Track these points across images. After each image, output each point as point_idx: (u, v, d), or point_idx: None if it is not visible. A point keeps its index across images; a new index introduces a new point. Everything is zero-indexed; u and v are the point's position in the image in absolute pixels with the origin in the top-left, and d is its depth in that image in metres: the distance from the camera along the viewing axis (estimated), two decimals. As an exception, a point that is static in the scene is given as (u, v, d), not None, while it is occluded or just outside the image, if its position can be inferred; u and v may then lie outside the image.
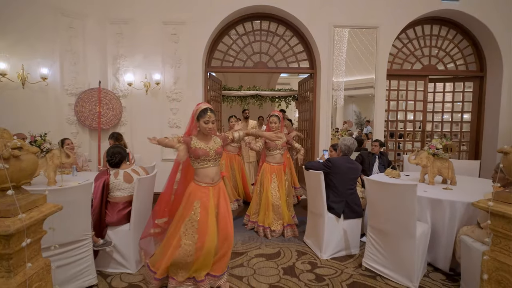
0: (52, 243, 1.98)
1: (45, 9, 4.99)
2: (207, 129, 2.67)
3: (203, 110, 2.66)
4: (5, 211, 1.42)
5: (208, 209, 2.67)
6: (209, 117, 2.65)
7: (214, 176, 2.74)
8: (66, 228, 2.57)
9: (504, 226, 1.68)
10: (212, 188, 2.74)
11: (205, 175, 2.71)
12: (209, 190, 2.72)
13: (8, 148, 1.44)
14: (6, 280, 1.44)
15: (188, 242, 2.62)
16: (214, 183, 2.75)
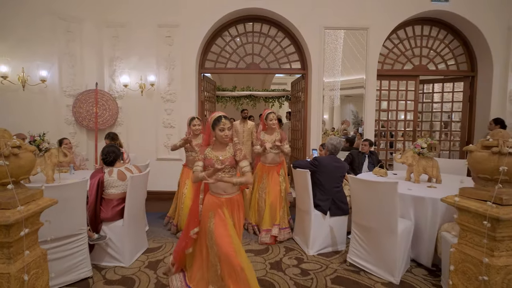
0: (49, 238, 2.11)
1: (44, 14, 5.13)
2: (224, 137, 2.52)
3: (217, 118, 2.53)
4: (5, 204, 1.55)
5: (224, 219, 2.53)
6: (223, 124, 2.51)
7: (225, 188, 2.56)
8: (63, 222, 2.70)
9: (469, 220, 1.80)
10: (225, 200, 2.58)
11: (217, 186, 2.56)
12: (222, 202, 2.57)
13: (8, 146, 1.57)
14: (7, 266, 1.57)
15: (212, 253, 2.50)
16: (227, 194, 2.58)
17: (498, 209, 1.61)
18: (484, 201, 1.69)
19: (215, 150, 2.59)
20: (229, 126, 2.55)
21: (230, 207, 2.59)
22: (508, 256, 1.66)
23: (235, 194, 2.63)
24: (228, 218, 2.54)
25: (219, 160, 2.52)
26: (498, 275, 1.63)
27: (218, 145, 2.61)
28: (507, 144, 1.62)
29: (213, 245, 2.46)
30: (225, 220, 2.51)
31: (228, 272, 2.40)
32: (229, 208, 2.59)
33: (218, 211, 2.54)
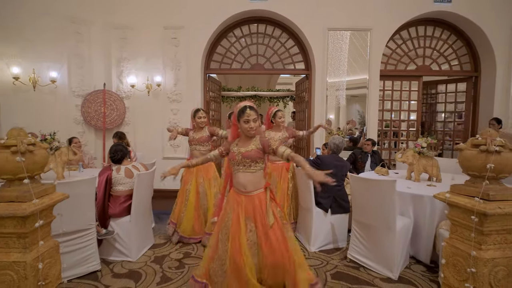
0: (61, 230, 2.23)
1: (54, 17, 5.30)
2: (248, 129, 2.32)
3: (241, 109, 2.33)
4: (22, 197, 1.67)
5: (239, 221, 2.32)
6: (248, 115, 2.30)
7: (246, 184, 2.36)
8: (73, 217, 2.83)
9: (459, 215, 1.88)
10: (245, 198, 2.37)
11: (236, 181, 2.42)
12: (241, 199, 2.38)
13: (24, 144, 1.69)
14: (23, 255, 1.69)
15: (223, 248, 2.34)
16: (247, 192, 2.37)
17: (485, 204, 1.69)
18: (472, 197, 1.76)
19: (240, 144, 2.40)
20: (254, 117, 2.32)
21: (251, 208, 2.33)
22: (495, 249, 1.74)
23: (257, 192, 2.36)
24: (242, 225, 2.29)
25: (240, 153, 2.34)
26: (486, 268, 1.71)
27: (244, 138, 2.42)
28: (494, 143, 1.70)
29: (226, 241, 2.32)
30: (239, 225, 2.29)
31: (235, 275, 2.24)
32: (249, 209, 2.33)
33: (236, 210, 2.35)
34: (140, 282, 2.98)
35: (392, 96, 6.43)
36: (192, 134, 4.00)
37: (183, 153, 5.76)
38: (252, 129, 2.31)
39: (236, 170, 2.39)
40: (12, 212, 1.63)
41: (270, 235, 2.25)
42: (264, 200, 2.36)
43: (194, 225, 3.84)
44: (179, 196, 3.98)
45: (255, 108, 2.38)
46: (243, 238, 2.26)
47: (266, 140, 2.38)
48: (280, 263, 2.23)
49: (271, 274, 2.27)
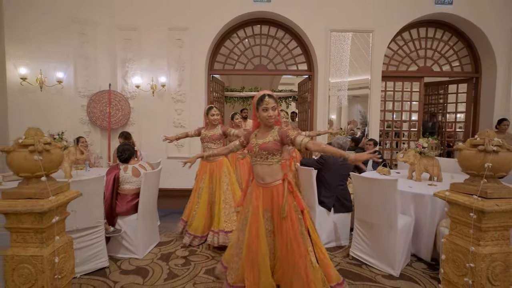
0: (75, 227, 2.31)
1: (60, 18, 5.37)
2: (267, 117, 2.29)
3: (260, 98, 2.31)
4: (39, 194, 1.75)
5: (258, 211, 2.34)
6: (267, 103, 2.27)
7: (264, 176, 2.36)
8: (82, 215, 2.89)
9: (458, 213, 1.95)
10: (263, 190, 2.38)
11: (255, 173, 2.42)
12: (260, 191, 2.39)
13: (41, 143, 1.77)
14: (40, 249, 1.77)
15: (241, 237, 2.44)
16: (265, 184, 2.37)
17: (483, 202, 1.76)
18: (471, 195, 1.83)
19: (259, 135, 2.39)
20: (273, 105, 2.29)
21: (267, 199, 2.35)
22: (493, 245, 1.81)
23: (275, 184, 2.34)
24: (261, 215, 2.32)
25: (258, 145, 2.33)
26: (484, 263, 1.78)
27: (263, 128, 2.40)
28: (492, 143, 1.77)
29: (244, 230, 2.40)
30: (258, 215, 2.32)
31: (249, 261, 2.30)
32: (267, 201, 2.35)
33: (255, 204, 2.36)
34: (148, 278, 3.05)
35: (393, 96, 6.50)
36: (204, 132, 3.99)
37: (187, 152, 5.83)
38: (270, 117, 2.28)
39: (254, 161, 2.39)
40: (30, 208, 1.71)
41: (283, 228, 2.25)
42: (282, 191, 2.31)
43: (206, 223, 3.84)
44: (192, 194, 4.00)
45: (274, 97, 2.35)
46: (261, 225, 2.29)
47: (284, 131, 2.33)
48: (291, 259, 2.19)
49: (281, 267, 2.29)
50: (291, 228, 2.23)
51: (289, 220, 2.25)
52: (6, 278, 1.78)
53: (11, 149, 1.75)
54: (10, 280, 1.78)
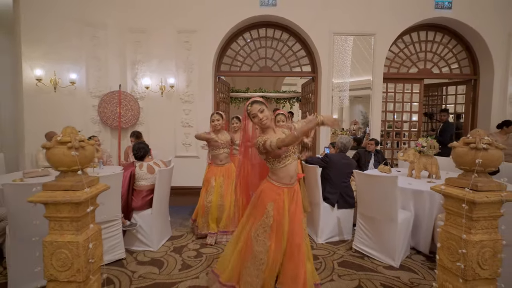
0: (103, 217, 2.51)
1: (73, 22, 5.61)
2: (260, 121, 2.33)
3: (247, 110, 2.37)
4: (75, 186, 1.95)
5: (283, 213, 2.34)
6: (252, 110, 2.34)
7: (294, 174, 2.41)
8: (102, 209, 3.08)
9: (452, 204, 2.15)
10: (288, 190, 2.39)
11: (288, 174, 2.38)
12: (284, 192, 2.38)
13: (77, 140, 1.97)
14: (75, 236, 1.97)
15: (260, 249, 2.32)
16: (291, 183, 2.41)
17: (474, 194, 1.95)
18: (463, 188, 2.03)
19: (275, 136, 2.33)
20: (259, 108, 2.32)
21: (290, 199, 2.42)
22: (483, 233, 2.00)
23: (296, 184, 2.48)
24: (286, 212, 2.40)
25: None
26: (474, 249, 1.97)
27: (269, 132, 2.40)
28: (483, 141, 1.97)
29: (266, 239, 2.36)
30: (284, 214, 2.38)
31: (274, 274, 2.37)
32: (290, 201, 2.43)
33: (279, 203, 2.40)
34: (163, 268, 3.26)
35: (394, 98, 6.69)
36: (220, 137, 4.02)
37: (195, 151, 6.03)
38: (262, 120, 2.31)
39: (286, 162, 2.35)
40: (68, 199, 1.91)
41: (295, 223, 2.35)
42: (298, 190, 2.46)
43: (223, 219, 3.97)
44: (201, 196, 4.10)
45: (259, 101, 2.37)
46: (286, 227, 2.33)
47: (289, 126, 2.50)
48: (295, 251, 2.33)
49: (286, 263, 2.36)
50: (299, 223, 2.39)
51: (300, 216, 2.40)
52: (45, 262, 1.98)
53: (51, 146, 1.95)
54: (49, 264, 1.97)
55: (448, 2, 5.89)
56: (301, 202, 2.49)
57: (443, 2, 5.89)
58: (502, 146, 2.01)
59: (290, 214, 2.36)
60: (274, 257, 2.33)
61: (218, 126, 4.02)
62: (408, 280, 3.04)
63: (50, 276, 1.98)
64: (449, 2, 5.89)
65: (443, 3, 5.90)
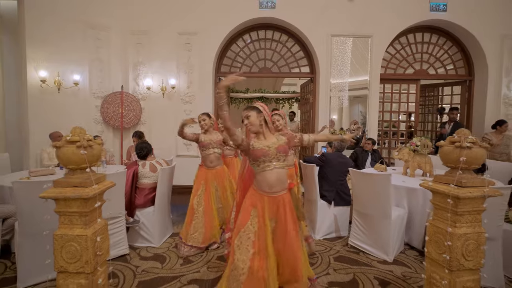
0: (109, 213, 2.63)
1: (76, 24, 5.74)
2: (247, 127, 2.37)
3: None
4: (84, 183, 2.08)
5: (263, 222, 2.28)
6: (243, 114, 2.39)
7: (274, 183, 2.31)
8: (107, 205, 3.22)
9: (439, 200, 2.27)
10: (268, 199, 2.32)
11: (264, 181, 2.32)
12: (264, 201, 2.32)
13: (85, 140, 2.10)
14: (84, 230, 2.10)
15: (242, 257, 2.20)
16: (271, 193, 2.33)
17: (459, 190, 2.08)
18: (449, 184, 2.16)
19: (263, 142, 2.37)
20: (246, 114, 2.35)
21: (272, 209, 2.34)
22: (467, 226, 2.13)
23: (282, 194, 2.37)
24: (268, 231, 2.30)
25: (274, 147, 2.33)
26: (459, 241, 2.10)
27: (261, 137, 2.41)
28: (467, 140, 2.09)
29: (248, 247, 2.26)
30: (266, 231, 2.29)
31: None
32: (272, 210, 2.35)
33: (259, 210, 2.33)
34: (166, 263, 3.38)
35: (391, 98, 6.82)
36: (209, 137, 3.89)
37: (196, 151, 6.14)
38: (247, 125, 2.35)
39: (264, 168, 2.31)
40: (78, 194, 2.03)
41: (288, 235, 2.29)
42: (288, 201, 2.35)
43: (206, 233, 3.70)
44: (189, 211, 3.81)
45: (252, 106, 2.41)
46: (270, 246, 2.25)
47: (290, 133, 2.50)
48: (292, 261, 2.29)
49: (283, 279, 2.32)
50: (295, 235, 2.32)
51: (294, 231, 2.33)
52: (55, 254, 2.10)
53: (61, 145, 2.07)
54: (59, 256, 2.10)
55: (443, 5, 6.01)
56: (292, 213, 2.36)
57: (438, 5, 6.01)
58: (485, 145, 2.14)
59: (278, 225, 2.31)
60: (258, 268, 2.18)
61: (205, 126, 3.89)
62: (400, 274, 3.17)
63: (60, 267, 2.10)
64: (444, 5, 6.01)
65: (438, 6, 6.02)
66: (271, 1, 6.04)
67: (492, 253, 2.85)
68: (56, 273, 2.13)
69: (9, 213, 3.41)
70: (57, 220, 2.14)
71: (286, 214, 2.31)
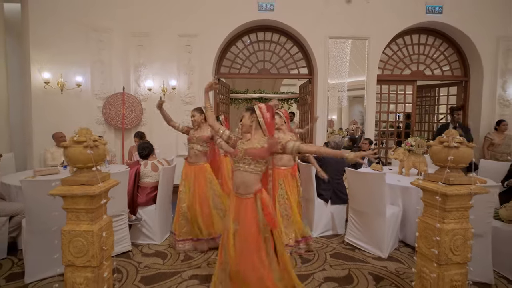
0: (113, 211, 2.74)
1: (80, 26, 5.87)
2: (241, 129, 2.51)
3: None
4: (90, 181, 2.19)
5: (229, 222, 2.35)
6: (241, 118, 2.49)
7: (239, 185, 2.33)
8: (110, 204, 3.32)
9: (429, 197, 2.38)
10: (236, 199, 2.37)
11: (234, 180, 2.40)
12: (233, 201, 2.40)
13: (91, 140, 2.21)
14: (90, 226, 2.21)
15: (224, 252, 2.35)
16: (237, 194, 2.36)
17: (447, 187, 2.18)
18: (437, 182, 2.27)
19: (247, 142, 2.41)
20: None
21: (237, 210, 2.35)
22: (455, 222, 2.24)
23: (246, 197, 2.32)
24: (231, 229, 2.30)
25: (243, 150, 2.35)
26: (447, 236, 2.21)
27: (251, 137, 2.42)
28: (454, 140, 2.20)
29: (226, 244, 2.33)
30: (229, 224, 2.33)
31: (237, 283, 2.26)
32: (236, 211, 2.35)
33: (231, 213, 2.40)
34: (167, 259, 3.49)
35: (388, 99, 6.93)
36: (192, 132, 3.93)
37: (196, 151, 6.26)
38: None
39: (236, 167, 2.37)
40: (85, 192, 2.14)
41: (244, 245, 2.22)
42: (251, 207, 2.27)
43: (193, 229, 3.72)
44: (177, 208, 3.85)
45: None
46: (230, 242, 2.26)
47: (274, 139, 2.36)
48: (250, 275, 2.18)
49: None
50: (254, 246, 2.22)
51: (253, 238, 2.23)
52: (63, 249, 2.21)
53: (68, 145, 2.18)
54: (66, 250, 2.21)
55: (439, 7, 6.12)
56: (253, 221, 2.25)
57: (434, 7, 6.12)
58: (472, 145, 2.25)
59: (239, 228, 2.27)
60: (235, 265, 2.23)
61: (195, 123, 3.92)
62: (394, 269, 3.28)
63: (67, 261, 2.21)
64: (440, 7, 6.12)
65: (434, 8, 6.13)
66: (270, 3, 6.15)
67: (482, 249, 2.96)
68: (63, 268, 2.24)
69: (16, 211, 3.52)
70: (64, 217, 2.25)
71: (246, 220, 2.25)
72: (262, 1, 6.16)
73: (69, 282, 2.22)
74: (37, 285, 2.93)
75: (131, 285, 2.95)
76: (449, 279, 2.25)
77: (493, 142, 5.80)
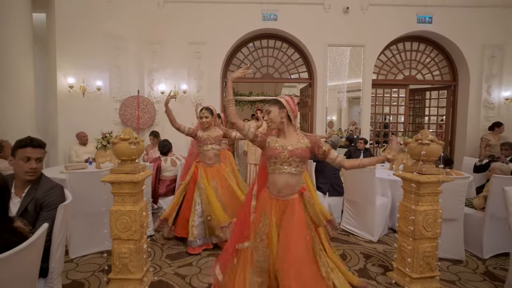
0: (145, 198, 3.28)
1: (99, 35, 6.39)
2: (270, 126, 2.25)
3: None
4: (133, 170, 2.72)
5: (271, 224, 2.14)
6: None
7: (282, 188, 2.13)
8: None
9: (407, 185, 2.92)
10: (276, 202, 2.16)
11: (273, 182, 2.18)
12: (272, 203, 2.17)
13: (133, 138, 2.74)
14: (133, 207, 2.74)
15: (261, 258, 2.11)
16: (279, 196, 2.16)
17: (420, 176, 2.73)
18: (412, 172, 2.81)
19: (282, 141, 2.20)
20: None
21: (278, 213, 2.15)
22: (427, 205, 2.78)
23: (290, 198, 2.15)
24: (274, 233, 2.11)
25: (287, 150, 2.14)
26: (420, 216, 2.75)
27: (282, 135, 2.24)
28: (427, 138, 2.74)
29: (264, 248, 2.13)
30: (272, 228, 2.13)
31: None
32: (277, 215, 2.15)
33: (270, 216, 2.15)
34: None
35: (383, 101, 7.47)
36: (206, 133, 3.76)
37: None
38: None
39: (275, 169, 2.16)
40: (130, 179, 2.67)
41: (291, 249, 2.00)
42: (298, 206, 2.12)
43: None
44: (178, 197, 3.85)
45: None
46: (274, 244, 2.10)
47: (317, 140, 2.23)
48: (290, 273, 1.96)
49: None
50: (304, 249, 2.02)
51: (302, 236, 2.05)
52: (111, 225, 2.75)
53: (116, 142, 2.72)
54: (114, 227, 2.74)
55: (429, 17, 6.66)
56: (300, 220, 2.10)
57: (425, 17, 6.66)
58: (441, 142, 2.79)
59: (282, 230, 2.10)
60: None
61: (206, 124, 3.77)
62: (382, 250, 3.82)
63: (114, 235, 2.75)
64: (430, 18, 6.66)
65: (425, 18, 6.67)
66: (273, 14, 6.69)
67: (455, 232, 3.49)
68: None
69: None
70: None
71: (293, 219, 2.07)
72: (266, 12, 6.70)
73: (116, 252, 2.76)
74: (80, 260, 3.46)
75: (159, 261, 3.48)
76: (422, 250, 2.80)
77: (489, 143, 6.19)
